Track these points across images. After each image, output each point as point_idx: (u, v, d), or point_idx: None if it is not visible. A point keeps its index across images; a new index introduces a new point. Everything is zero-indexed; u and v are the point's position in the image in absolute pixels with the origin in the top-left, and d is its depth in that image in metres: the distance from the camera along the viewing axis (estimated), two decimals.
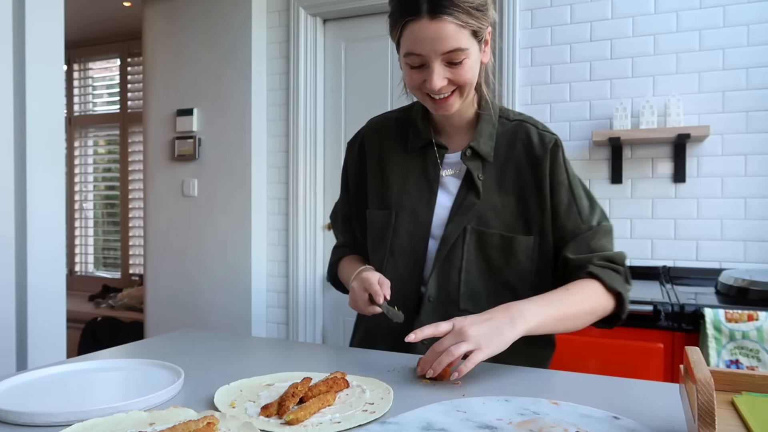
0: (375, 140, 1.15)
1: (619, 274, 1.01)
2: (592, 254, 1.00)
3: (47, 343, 1.83)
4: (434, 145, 1.08)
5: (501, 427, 0.67)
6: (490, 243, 1.03)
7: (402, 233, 1.08)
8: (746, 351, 1.54)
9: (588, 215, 1.03)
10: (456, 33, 0.91)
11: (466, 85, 0.98)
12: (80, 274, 4.50)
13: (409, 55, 0.95)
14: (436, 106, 0.99)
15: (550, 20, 2.31)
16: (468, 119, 1.08)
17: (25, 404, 0.76)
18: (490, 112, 1.08)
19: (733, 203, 2.08)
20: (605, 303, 0.98)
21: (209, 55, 2.90)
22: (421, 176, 1.08)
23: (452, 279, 1.04)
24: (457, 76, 0.95)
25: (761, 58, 2.05)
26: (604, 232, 1.03)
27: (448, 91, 0.97)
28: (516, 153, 1.05)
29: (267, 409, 0.72)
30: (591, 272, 0.98)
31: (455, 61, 0.94)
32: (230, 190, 2.85)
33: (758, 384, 0.68)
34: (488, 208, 1.03)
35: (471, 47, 0.95)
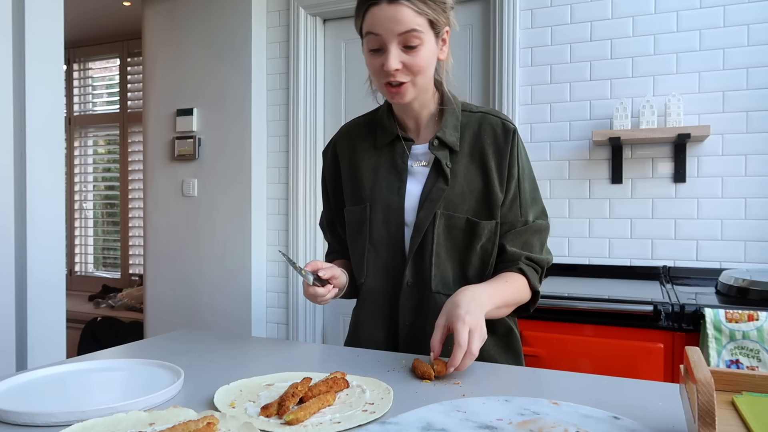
0: (346, 144, 1.22)
1: (537, 274, 1.12)
2: (522, 252, 1.10)
3: (47, 343, 1.83)
4: (401, 138, 1.15)
5: (501, 427, 0.67)
6: (457, 227, 1.09)
7: (378, 224, 1.13)
8: (746, 351, 1.54)
9: (527, 210, 1.11)
10: (412, 17, 0.99)
11: (420, 73, 1.03)
12: (80, 274, 4.50)
13: (368, 35, 1.02)
14: (391, 94, 1.05)
15: (550, 20, 2.31)
16: (431, 114, 1.14)
17: (25, 404, 0.76)
18: (453, 107, 1.13)
19: (733, 203, 2.08)
20: (526, 296, 1.10)
21: (209, 55, 2.90)
22: (390, 168, 1.14)
23: (425, 263, 1.10)
24: (411, 61, 1.01)
25: (761, 58, 2.05)
26: (536, 230, 1.12)
27: (404, 78, 1.03)
28: (481, 142, 1.11)
29: (267, 409, 0.72)
30: (521, 269, 1.08)
31: (411, 44, 1.00)
32: (230, 190, 2.85)
33: (758, 384, 0.68)
34: (456, 194, 1.09)
35: (426, 35, 1.02)
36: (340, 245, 1.27)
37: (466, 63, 2.51)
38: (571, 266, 2.26)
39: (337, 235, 1.28)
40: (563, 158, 2.30)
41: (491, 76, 2.41)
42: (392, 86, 1.04)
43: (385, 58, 1.01)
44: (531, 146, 2.34)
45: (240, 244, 2.82)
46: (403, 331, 1.11)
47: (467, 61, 2.51)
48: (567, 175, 2.30)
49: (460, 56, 2.52)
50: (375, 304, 1.15)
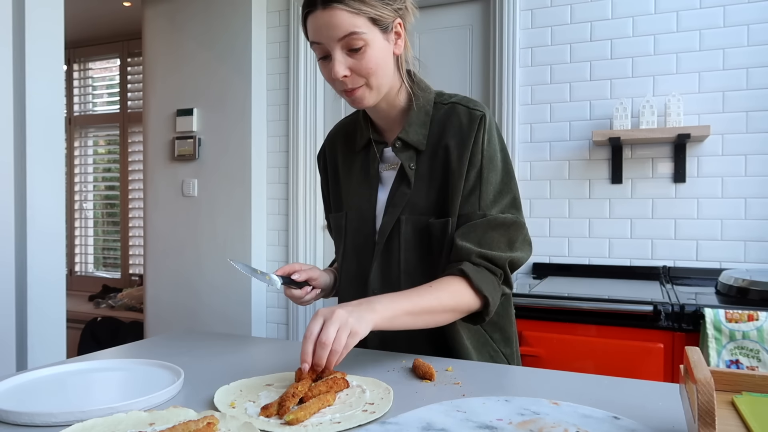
0: (330, 148, 1.20)
1: (494, 275, 0.99)
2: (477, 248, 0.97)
3: (47, 343, 1.83)
4: (372, 142, 1.11)
5: (501, 427, 0.67)
6: (426, 230, 1.03)
7: (351, 231, 1.11)
8: (746, 351, 1.54)
9: (489, 203, 1.00)
10: (349, 19, 0.93)
11: (372, 75, 0.97)
12: (80, 274, 4.50)
13: (312, 44, 0.98)
14: (350, 100, 1.01)
15: (550, 20, 2.31)
16: (401, 111, 1.08)
17: (25, 404, 0.76)
18: (421, 101, 1.06)
19: (733, 203, 2.08)
20: (470, 302, 0.96)
21: (209, 55, 2.90)
22: (364, 175, 1.11)
23: (393, 270, 1.05)
24: (359, 65, 0.96)
25: (761, 58, 2.05)
26: (499, 225, 0.99)
27: (356, 83, 0.98)
28: (447, 135, 1.04)
29: (267, 410, 0.72)
30: (462, 269, 0.96)
31: (354, 47, 0.95)
32: (230, 190, 2.85)
33: (758, 384, 0.68)
34: (421, 197, 1.03)
35: (370, 34, 0.95)
36: None
37: (466, 63, 2.51)
38: (571, 266, 2.27)
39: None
40: (563, 158, 2.30)
41: (491, 76, 2.41)
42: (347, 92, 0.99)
43: (331, 65, 0.96)
44: (531, 146, 2.34)
45: (240, 244, 2.82)
46: (372, 341, 1.08)
47: (467, 61, 2.51)
48: (567, 175, 2.30)
49: (460, 56, 2.52)
50: None
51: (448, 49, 2.53)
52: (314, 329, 0.78)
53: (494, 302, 0.97)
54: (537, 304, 1.78)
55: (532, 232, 2.29)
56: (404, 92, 1.07)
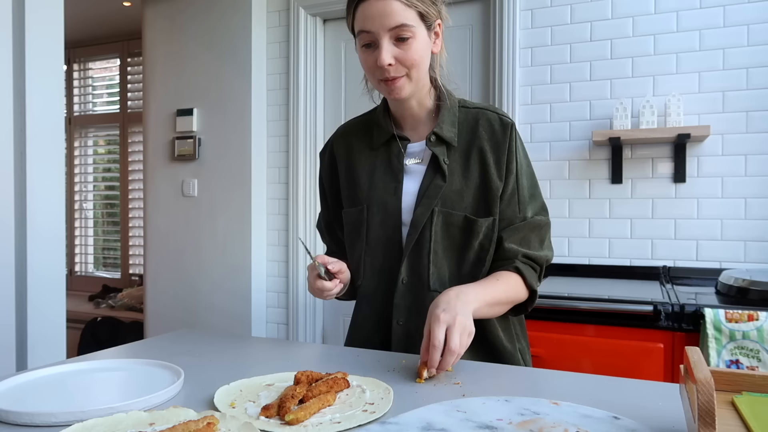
0: (342, 145, 1.21)
1: (535, 272, 1.10)
2: (520, 248, 1.08)
3: (47, 343, 1.83)
4: (396, 137, 1.14)
5: (501, 427, 0.67)
6: (455, 224, 1.08)
7: (374, 225, 1.12)
8: (746, 351, 1.54)
9: (525, 205, 1.10)
10: (402, 10, 0.99)
11: (414, 67, 1.03)
12: (80, 274, 4.50)
13: (360, 33, 1.02)
14: (388, 89, 1.04)
15: (550, 20, 2.31)
16: (427, 111, 1.13)
17: (25, 404, 0.76)
18: (448, 103, 1.12)
19: (733, 203, 2.08)
20: (522, 295, 1.08)
21: (209, 55, 2.90)
22: (387, 169, 1.13)
23: (422, 261, 1.09)
24: (404, 55, 1.01)
25: (761, 58, 2.05)
26: (535, 227, 1.10)
27: (399, 72, 1.02)
28: (479, 137, 1.10)
29: (267, 410, 0.72)
30: (516, 267, 1.06)
31: (402, 37, 1.00)
32: (230, 190, 2.85)
33: (758, 384, 0.68)
34: (454, 191, 1.08)
35: (418, 28, 1.01)
36: (338, 247, 1.26)
37: (466, 63, 2.51)
38: (571, 266, 2.26)
39: (335, 237, 1.26)
40: (563, 158, 2.30)
41: (491, 76, 2.41)
42: (388, 81, 1.03)
43: (378, 53, 1.00)
44: (531, 146, 2.34)
45: (240, 244, 2.82)
46: (396, 332, 1.10)
47: (467, 61, 2.51)
48: (567, 175, 2.30)
49: (460, 56, 2.52)
50: (371, 306, 1.14)
51: (448, 49, 2.52)
52: (441, 336, 0.86)
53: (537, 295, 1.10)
54: (537, 304, 1.76)
55: None
56: (433, 92, 1.13)
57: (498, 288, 1.03)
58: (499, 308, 1.04)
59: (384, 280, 1.12)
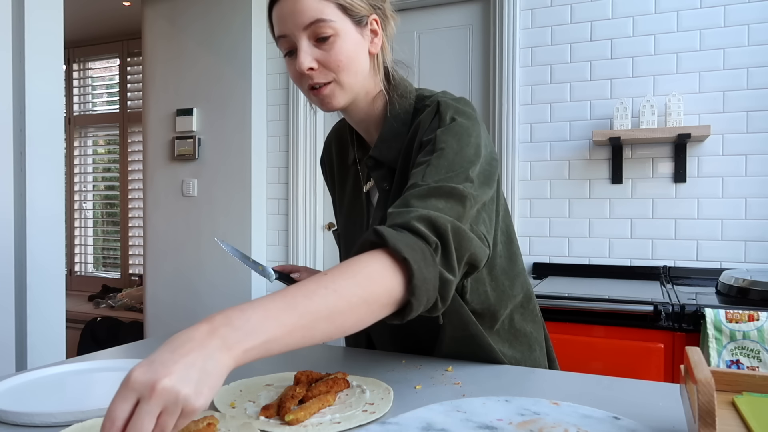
0: (328, 154, 1.13)
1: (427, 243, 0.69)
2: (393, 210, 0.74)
3: (47, 343, 1.83)
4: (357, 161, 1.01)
5: (501, 428, 0.66)
6: None
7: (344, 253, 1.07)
8: (747, 351, 1.54)
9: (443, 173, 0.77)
10: (315, 5, 0.84)
11: (342, 69, 0.87)
12: (80, 274, 4.50)
13: (279, 40, 0.89)
14: (318, 100, 0.90)
15: (550, 20, 2.31)
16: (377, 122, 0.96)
17: (24, 404, 0.76)
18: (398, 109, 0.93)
19: (733, 203, 2.08)
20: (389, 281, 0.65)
21: (209, 55, 2.90)
22: (355, 197, 1.02)
23: None
24: (326, 57, 0.86)
25: (761, 58, 2.04)
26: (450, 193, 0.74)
27: (324, 78, 0.87)
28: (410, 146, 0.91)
29: (267, 410, 0.72)
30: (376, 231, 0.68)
31: (322, 36, 0.85)
32: (230, 190, 2.85)
33: (759, 384, 0.68)
34: None
35: (340, 23, 0.86)
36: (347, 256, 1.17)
37: (466, 63, 2.51)
38: (571, 266, 2.26)
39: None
40: (563, 158, 2.30)
41: (491, 76, 2.41)
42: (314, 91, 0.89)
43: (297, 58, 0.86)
44: (531, 146, 2.34)
45: (240, 244, 2.81)
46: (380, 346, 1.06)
47: (467, 61, 2.51)
48: (567, 175, 2.30)
49: (460, 56, 2.52)
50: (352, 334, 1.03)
51: (448, 49, 2.53)
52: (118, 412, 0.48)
53: (422, 276, 0.66)
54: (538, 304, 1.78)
55: (532, 232, 2.29)
56: (381, 99, 0.95)
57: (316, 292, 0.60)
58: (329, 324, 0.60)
59: None
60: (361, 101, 0.93)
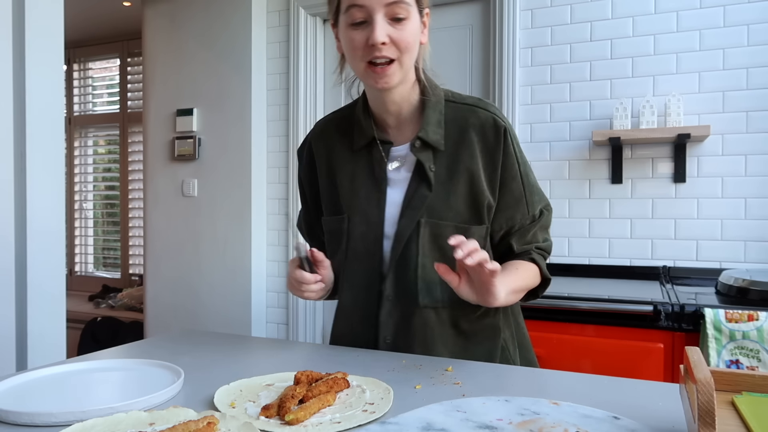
0: (321, 144, 1.12)
1: (545, 260, 1.10)
2: (531, 245, 1.07)
3: (47, 343, 1.83)
4: (378, 141, 1.05)
5: (501, 427, 0.67)
6: (444, 235, 1.00)
7: (356, 237, 1.05)
8: (746, 351, 1.54)
9: (533, 205, 1.06)
10: None
11: (407, 50, 0.95)
12: (80, 274, 4.50)
13: (350, 9, 0.93)
14: (376, 75, 0.95)
15: (550, 20, 2.31)
16: (412, 106, 1.04)
17: (25, 404, 0.76)
18: (434, 99, 1.04)
19: (733, 203, 2.08)
20: (535, 282, 1.06)
21: (209, 55, 2.90)
22: (368, 176, 1.05)
23: (409, 275, 1.02)
24: (399, 36, 0.93)
25: (761, 58, 2.04)
26: (544, 224, 1.09)
27: (392, 54, 0.94)
28: (468, 140, 1.02)
29: (267, 410, 0.72)
30: (532, 258, 1.05)
31: (398, 16, 0.93)
32: (230, 190, 2.85)
33: (758, 384, 0.68)
34: (441, 199, 1.01)
35: (412, 8, 0.95)
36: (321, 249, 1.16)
37: (466, 63, 2.51)
38: (571, 266, 2.26)
39: (317, 239, 1.19)
40: (563, 158, 2.30)
41: (491, 76, 2.41)
42: (377, 66, 0.94)
43: (371, 29, 0.91)
44: (531, 146, 2.34)
45: (240, 244, 2.82)
46: (382, 349, 1.05)
47: (467, 61, 2.51)
48: (567, 175, 2.30)
49: (460, 56, 2.52)
50: (348, 322, 1.09)
51: (448, 49, 2.53)
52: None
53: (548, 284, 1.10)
54: (537, 304, 1.78)
55: None
56: (417, 88, 1.04)
57: (518, 276, 0.99)
58: (517, 296, 1.00)
59: (362, 296, 1.06)
60: (403, 85, 1.00)
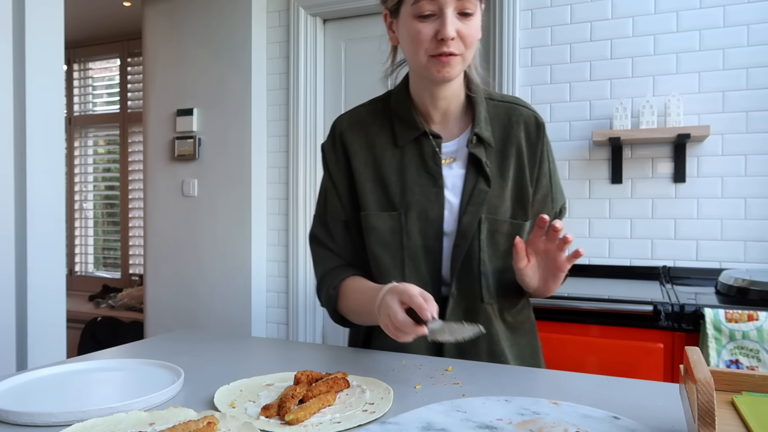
0: (357, 137, 1.08)
1: None
2: None
3: (47, 343, 1.83)
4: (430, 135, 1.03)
5: (501, 427, 0.67)
6: (500, 231, 1.02)
7: (414, 234, 1.01)
8: (746, 351, 1.54)
9: (557, 202, 1.12)
10: None
11: (471, 47, 0.95)
12: (80, 274, 4.50)
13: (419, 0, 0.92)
14: (440, 64, 0.94)
15: (550, 20, 2.31)
16: (459, 103, 1.05)
17: (25, 404, 0.76)
18: (481, 96, 1.05)
19: (733, 203, 2.08)
20: None
21: (209, 55, 2.90)
22: (420, 171, 1.03)
23: (473, 272, 1.01)
24: (467, 31, 0.93)
25: (761, 58, 2.05)
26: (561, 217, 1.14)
27: (456, 50, 0.94)
28: (514, 137, 1.04)
29: (267, 410, 0.72)
30: None
31: (466, 12, 0.93)
32: (230, 190, 2.85)
33: (758, 384, 0.68)
34: (495, 195, 1.02)
35: (478, 4, 0.95)
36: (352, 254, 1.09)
37: None
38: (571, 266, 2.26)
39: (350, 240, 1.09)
40: (563, 158, 2.30)
41: (491, 76, 2.41)
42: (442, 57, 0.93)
43: (441, 23, 0.91)
44: None
45: (240, 244, 2.82)
46: (449, 350, 1.02)
47: None
48: (567, 175, 2.30)
49: None
50: None
51: None
52: None
53: None
54: (537, 304, 1.78)
55: None
56: (464, 84, 1.05)
57: None
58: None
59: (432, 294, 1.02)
60: (456, 80, 1.01)
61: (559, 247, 0.89)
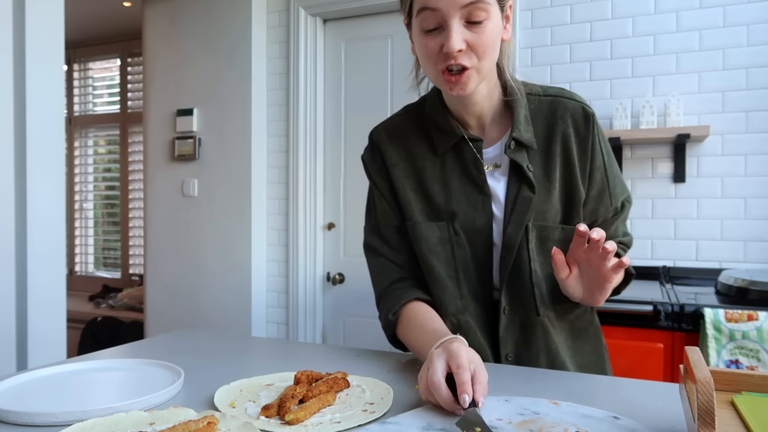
0: (395, 148, 1.04)
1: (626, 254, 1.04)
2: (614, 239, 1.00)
3: (47, 343, 1.83)
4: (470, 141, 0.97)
5: (501, 427, 0.67)
6: (551, 237, 0.96)
7: (463, 244, 0.98)
8: (746, 351, 1.54)
9: (616, 196, 0.99)
10: None
11: (485, 57, 0.87)
12: (80, 274, 4.50)
13: (422, 11, 0.86)
14: (450, 84, 0.88)
15: (550, 20, 2.31)
16: (495, 107, 0.98)
17: (25, 404, 0.76)
18: (518, 97, 0.97)
19: (733, 203, 2.08)
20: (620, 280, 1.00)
21: (209, 55, 2.90)
22: (464, 179, 0.98)
23: (524, 284, 0.96)
24: (477, 41, 0.85)
25: (761, 58, 2.05)
26: (625, 217, 1.02)
27: (467, 62, 0.86)
28: (559, 133, 0.96)
29: (267, 410, 0.72)
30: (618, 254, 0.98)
31: (475, 19, 0.84)
32: (230, 190, 2.85)
33: (758, 384, 0.68)
34: (542, 200, 0.95)
35: (492, 6, 0.85)
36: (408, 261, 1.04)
37: None
38: None
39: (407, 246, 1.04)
40: None
41: None
42: (451, 74, 0.87)
43: (446, 36, 0.84)
44: None
45: (240, 244, 2.82)
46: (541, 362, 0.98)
47: None
48: None
49: None
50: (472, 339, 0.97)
51: None
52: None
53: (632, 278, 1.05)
54: None
55: None
56: (499, 86, 0.98)
57: None
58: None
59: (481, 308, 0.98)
60: (484, 86, 0.94)
61: (601, 256, 0.80)
